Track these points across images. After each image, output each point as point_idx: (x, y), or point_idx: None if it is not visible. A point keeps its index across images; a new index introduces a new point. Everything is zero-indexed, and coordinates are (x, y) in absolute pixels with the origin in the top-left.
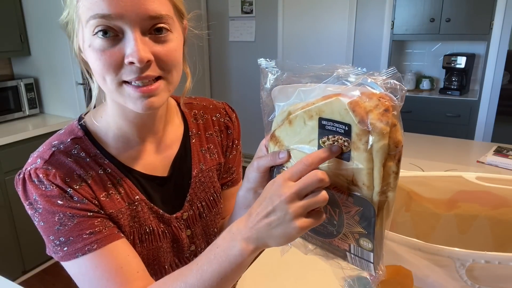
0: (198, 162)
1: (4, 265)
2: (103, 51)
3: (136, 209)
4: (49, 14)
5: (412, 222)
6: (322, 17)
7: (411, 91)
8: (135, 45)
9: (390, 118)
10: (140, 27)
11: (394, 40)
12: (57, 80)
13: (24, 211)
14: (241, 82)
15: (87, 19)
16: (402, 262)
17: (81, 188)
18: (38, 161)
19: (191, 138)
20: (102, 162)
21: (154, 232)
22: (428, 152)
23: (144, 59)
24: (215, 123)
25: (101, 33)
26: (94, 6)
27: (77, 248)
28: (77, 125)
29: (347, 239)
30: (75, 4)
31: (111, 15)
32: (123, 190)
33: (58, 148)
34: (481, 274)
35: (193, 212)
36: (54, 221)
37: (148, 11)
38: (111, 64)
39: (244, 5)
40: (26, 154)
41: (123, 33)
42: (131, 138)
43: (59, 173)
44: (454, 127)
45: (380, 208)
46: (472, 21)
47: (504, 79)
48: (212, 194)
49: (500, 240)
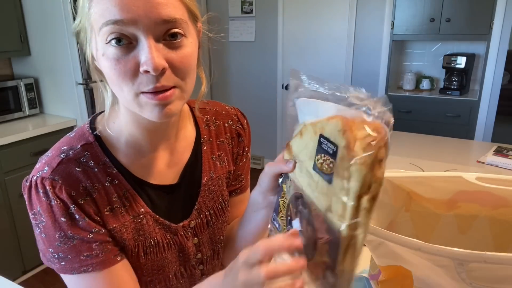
0: (209, 170)
1: (4, 265)
2: (117, 60)
3: (141, 222)
4: (49, 14)
5: (412, 222)
6: (322, 17)
7: (411, 91)
8: (149, 52)
9: (375, 151)
10: (153, 33)
11: (394, 40)
12: (57, 80)
13: (24, 211)
14: (241, 82)
15: (99, 27)
16: (402, 262)
17: (85, 203)
18: (46, 169)
19: (202, 145)
20: (111, 172)
21: (159, 244)
22: (428, 152)
23: (159, 67)
24: (227, 130)
25: (114, 41)
26: (106, 13)
27: (73, 266)
28: (88, 129)
29: (317, 267)
30: (86, 12)
31: (123, 21)
32: (128, 202)
33: (67, 155)
34: (481, 274)
35: (201, 220)
36: (55, 237)
37: (161, 15)
38: (126, 73)
39: (244, 5)
40: (26, 154)
41: (136, 40)
42: (143, 144)
43: (65, 185)
44: (454, 127)
45: (349, 244)
46: (472, 21)
47: (504, 79)
48: (220, 202)
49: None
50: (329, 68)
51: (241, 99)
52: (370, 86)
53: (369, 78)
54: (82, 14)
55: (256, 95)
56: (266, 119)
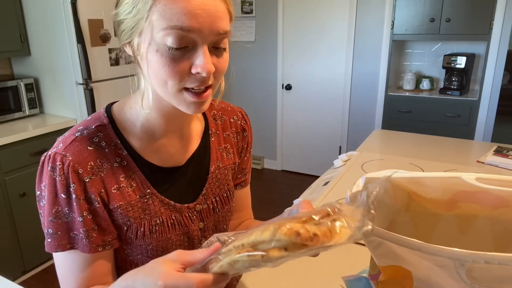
0: (216, 159)
1: (4, 265)
2: (173, 59)
3: (147, 202)
4: (49, 14)
5: (412, 222)
6: (322, 17)
7: (411, 91)
8: (204, 57)
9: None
10: (210, 41)
11: (394, 40)
12: (57, 80)
13: (24, 211)
14: (241, 82)
15: (163, 27)
16: (402, 262)
17: (91, 181)
18: (60, 145)
19: (210, 136)
20: (121, 153)
21: (164, 224)
22: (428, 152)
23: (211, 71)
24: (232, 125)
25: (176, 44)
26: (174, 18)
27: (60, 244)
28: (103, 113)
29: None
30: (147, 9)
31: (190, 29)
32: (135, 183)
33: (82, 134)
34: (481, 274)
35: (207, 206)
36: (51, 213)
37: (219, 28)
38: (178, 72)
39: (244, 5)
40: (26, 154)
41: (193, 45)
42: (157, 130)
43: (74, 162)
44: (454, 127)
45: None
46: (472, 21)
47: (504, 79)
48: (226, 191)
49: (500, 240)
50: (329, 68)
51: (241, 99)
52: (370, 86)
53: (369, 78)
54: (142, 7)
55: (256, 95)
56: (266, 119)
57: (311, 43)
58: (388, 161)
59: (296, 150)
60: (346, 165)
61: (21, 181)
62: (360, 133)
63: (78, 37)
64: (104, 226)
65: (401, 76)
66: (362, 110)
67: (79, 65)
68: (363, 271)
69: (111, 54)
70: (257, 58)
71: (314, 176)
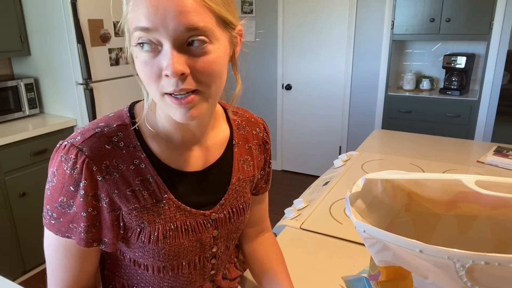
0: (238, 171)
1: (4, 265)
2: (144, 63)
3: (163, 207)
4: (49, 14)
5: (412, 222)
6: (322, 17)
7: (411, 91)
8: (170, 58)
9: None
10: (176, 40)
11: (394, 40)
12: (57, 80)
13: (24, 211)
14: (241, 82)
15: (132, 31)
16: (402, 262)
17: (104, 180)
18: (79, 137)
19: (234, 147)
20: (139, 156)
21: (178, 229)
22: (428, 152)
23: (178, 72)
24: (254, 137)
25: (141, 46)
26: (136, 19)
27: (60, 229)
28: (126, 112)
29: None
30: (125, 15)
31: (148, 28)
32: (151, 187)
33: (102, 130)
34: (481, 275)
35: (224, 216)
36: (57, 200)
37: (183, 24)
38: (152, 76)
39: (244, 5)
40: (26, 154)
41: (161, 46)
42: (175, 139)
43: (89, 159)
44: (454, 127)
45: None
46: (472, 21)
47: (504, 79)
48: (242, 203)
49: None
50: (329, 68)
51: (241, 99)
52: (370, 86)
53: (369, 78)
54: (123, 15)
55: (256, 95)
56: (266, 119)
57: (311, 43)
58: (388, 161)
59: (296, 150)
60: (346, 165)
61: (21, 181)
62: (360, 133)
63: (78, 37)
64: (104, 226)
65: (401, 76)
66: (362, 110)
67: (79, 65)
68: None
69: (111, 54)
70: (257, 58)
71: (314, 176)
